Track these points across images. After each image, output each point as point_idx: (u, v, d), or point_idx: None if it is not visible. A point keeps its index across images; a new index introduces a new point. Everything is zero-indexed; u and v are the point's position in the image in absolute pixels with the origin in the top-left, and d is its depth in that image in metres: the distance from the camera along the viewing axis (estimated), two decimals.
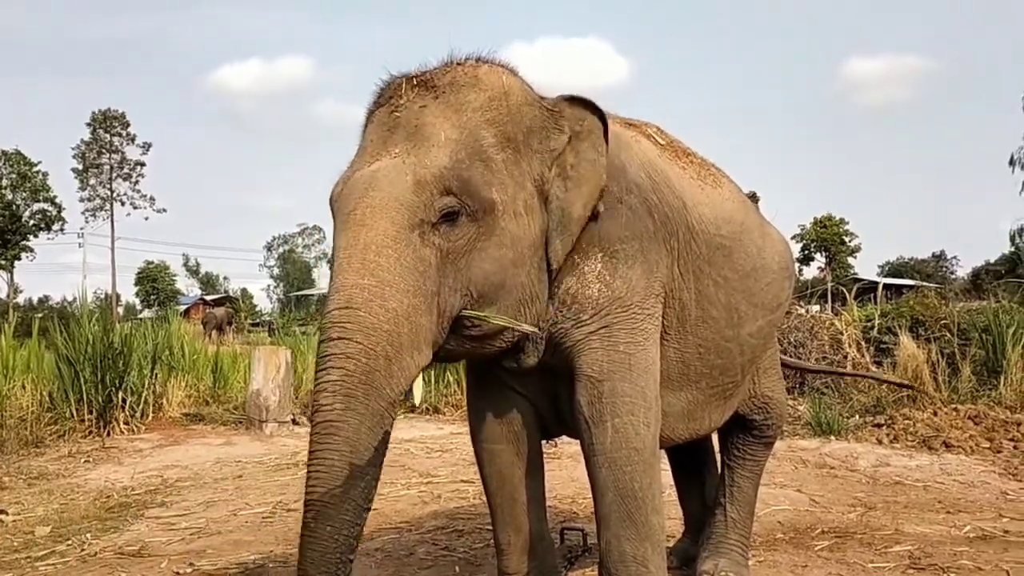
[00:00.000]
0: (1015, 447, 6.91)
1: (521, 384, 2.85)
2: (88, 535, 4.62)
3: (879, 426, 7.91)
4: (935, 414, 7.83)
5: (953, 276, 61.48)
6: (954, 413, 7.78)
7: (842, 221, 62.05)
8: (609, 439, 2.54)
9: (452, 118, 2.38)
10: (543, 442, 3.04)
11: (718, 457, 3.86)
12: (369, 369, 2.15)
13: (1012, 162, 41.59)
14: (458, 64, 2.51)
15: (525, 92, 2.54)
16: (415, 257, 2.25)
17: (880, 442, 7.46)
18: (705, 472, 3.98)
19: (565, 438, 3.31)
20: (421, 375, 2.33)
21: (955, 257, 68.85)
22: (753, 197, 3.52)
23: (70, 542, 4.48)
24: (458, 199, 2.30)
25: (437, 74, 2.47)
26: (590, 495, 5.19)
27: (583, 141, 2.54)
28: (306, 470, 2.20)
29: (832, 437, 7.71)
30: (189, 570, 3.91)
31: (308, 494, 2.18)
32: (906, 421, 7.77)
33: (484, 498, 3.05)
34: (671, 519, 3.69)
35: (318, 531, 2.17)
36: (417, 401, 2.36)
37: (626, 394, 2.56)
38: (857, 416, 8.59)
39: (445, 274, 2.30)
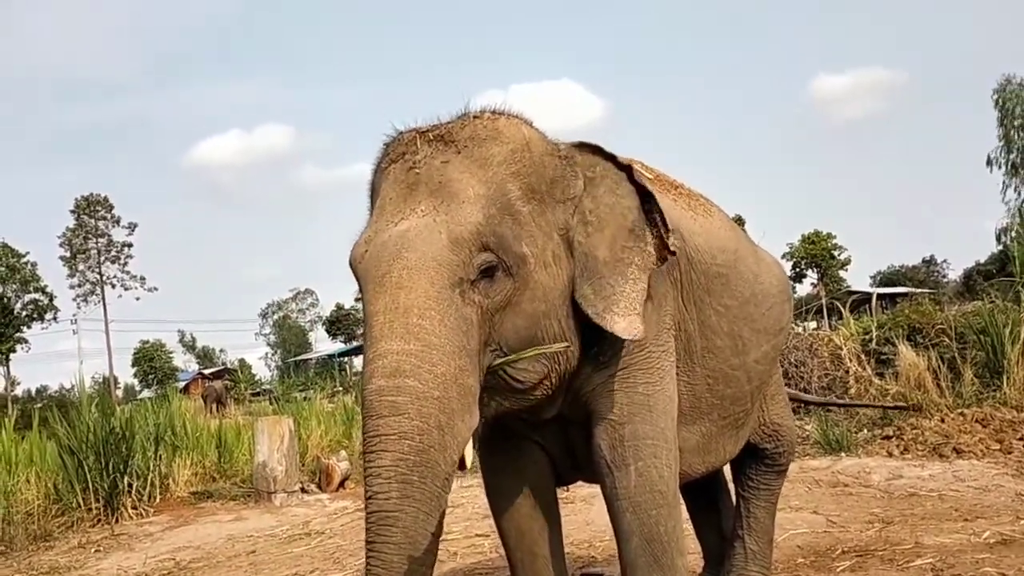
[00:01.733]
0: None
1: (535, 433, 2.83)
2: None
3: (888, 438, 7.90)
4: (943, 421, 7.83)
5: (945, 280, 61.71)
6: (961, 418, 7.80)
7: (830, 235, 62.28)
8: (633, 483, 2.52)
9: (478, 173, 2.33)
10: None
11: (731, 487, 3.85)
12: (424, 447, 2.07)
13: (989, 162, 42.02)
14: (475, 117, 2.45)
15: (544, 142, 2.51)
16: (458, 317, 2.18)
17: (891, 454, 7.45)
18: (720, 503, 3.96)
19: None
20: (471, 437, 2.25)
21: (945, 261, 68.94)
22: (739, 220, 3.55)
23: None
24: (495, 254, 2.26)
25: (454, 128, 2.41)
26: (606, 538, 5.17)
27: (598, 186, 2.53)
28: (365, 563, 2.10)
29: (843, 453, 7.70)
30: None
31: None
32: (914, 431, 7.77)
33: (501, 551, 3.02)
34: (690, 553, 3.66)
35: None
36: (468, 465, 2.25)
37: (648, 436, 2.55)
38: (865, 430, 8.57)
39: (483, 331, 2.25)
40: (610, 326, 2.42)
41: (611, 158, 2.58)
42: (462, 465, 2.27)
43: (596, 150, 2.59)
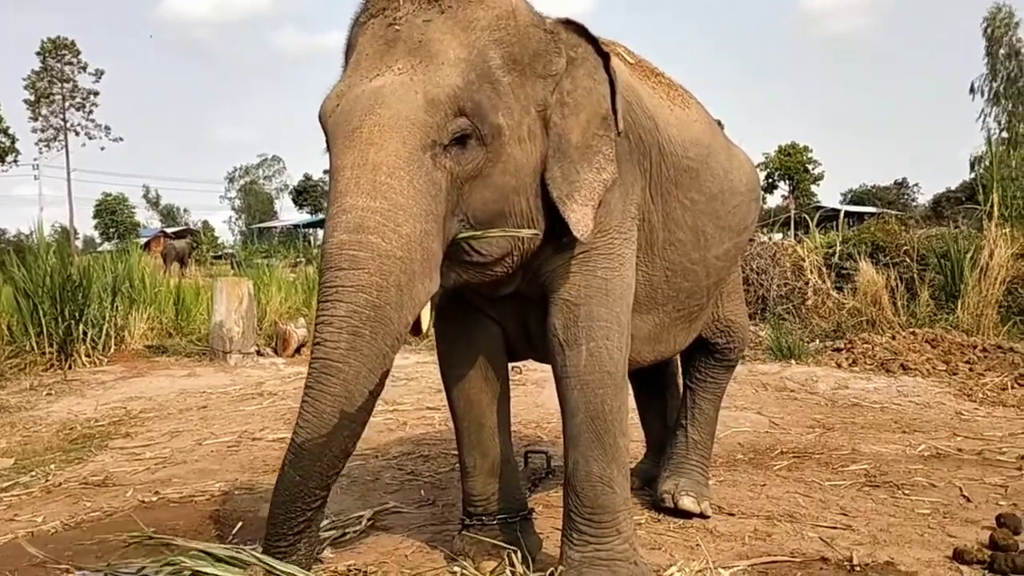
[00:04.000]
0: (970, 369, 7.08)
1: (491, 308, 2.84)
2: (52, 466, 4.59)
3: (839, 350, 8.07)
4: (894, 338, 8.00)
5: (914, 203, 62.06)
6: (912, 337, 7.96)
7: (806, 149, 62.32)
8: (583, 362, 2.54)
9: (460, 36, 2.25)
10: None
11: (680, 380, 3.91)
12: (380, 303, 2.06)
13: (972, 90, 42.02)
14: None
15: (530, 13, 2.43)
16: (427, 180, 2.14)
17: (839, 366, 7.61)
18: (667, 395, 4.03)
19: (530, 365, 3.32)
20: (429, 302, 2.24)
21: (916, 184, 69.39)
22: (719, 125, 3.52)
23: (34, 473, 4.45)
24: (470, 121, 2.20)
25: None
26: (553, 421, 5.26)
27: (578, 68, 2.47)
28: (299, 409, 2.12)
29: (792, 361, 7.85)
30: (154, 499, 3.90)
31: (294, 435, 2.12)
32: (865, 345, 7.93)
33: (449, 424, 3.06)
34: (633, 441, 3.74)
35: (287, 477, 2.15)
36: (424, 329, 2.25)
37: (602, 318, 2.56)
38: (817, 341, 8.75)
39: (451, 199, 2.22)
40: (567, 213, 2.41)
41: (593, 41, 2.52)
42: (417, 330, 2.28)
43: (580, 30, 2.53)
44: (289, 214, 77.11)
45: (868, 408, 5.87)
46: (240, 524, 3.44)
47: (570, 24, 2.52)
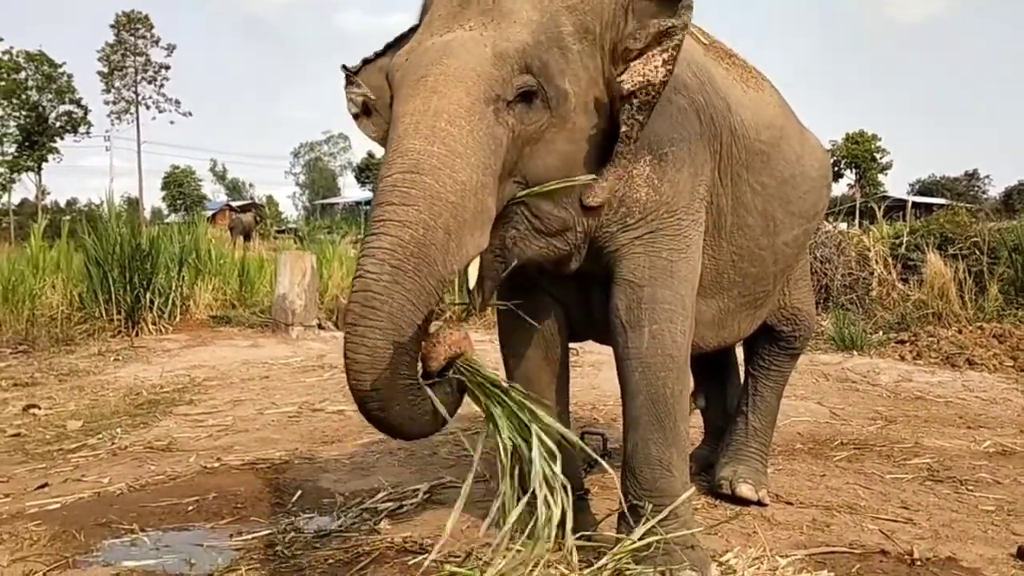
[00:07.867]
0: None
1: (554, 288, 2.83)
2: (118, 430, 4.72)
3: (903, 343, 7.92)
4: (960, 332, 7.83)
5: (985, 196, 60.45)
6: (979, 331, 7.78)
7: (874, 137, 60.87)
8: (646, 344, 2.53)
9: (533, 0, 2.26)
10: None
11: (741, 366, 3.87)
12: (425, 241, 1.98)
13: None
14: None
15: None
16: (488, 133, 2.11)
17: (903, 358, 7.47)
18: (728, 381, 3.99)
19: (587, 347, 3.29)
20: (478, 258, 2.20)
21: (988, 176, 67.57)
22: None
23: (101, 436, 4.58)
24: (536, 80, 2.18)
25: None
26: (609, 403, 5.26)
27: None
28: (344, 347, 1.97)
29: (855, 352, 7.73)
30: (217, 464, 3.99)
31: (353, 380, 1.96)
32: (930, 338, 7.77)
33: None
34: (691, 426, 3.71)
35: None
36: (472, 284, 2.22)
37: (666, 301, 2.54)
38: (881, 332, 8.59)
39: (510, 158, 2.21)
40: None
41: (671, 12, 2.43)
42: (478, 304, 2.29)
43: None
44: (352, 191, 77.74)
45: (932, 402, 5.76)
46: (300, 492, 3.50)
47: None
